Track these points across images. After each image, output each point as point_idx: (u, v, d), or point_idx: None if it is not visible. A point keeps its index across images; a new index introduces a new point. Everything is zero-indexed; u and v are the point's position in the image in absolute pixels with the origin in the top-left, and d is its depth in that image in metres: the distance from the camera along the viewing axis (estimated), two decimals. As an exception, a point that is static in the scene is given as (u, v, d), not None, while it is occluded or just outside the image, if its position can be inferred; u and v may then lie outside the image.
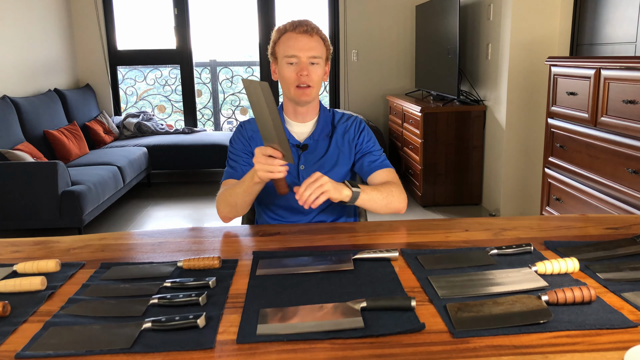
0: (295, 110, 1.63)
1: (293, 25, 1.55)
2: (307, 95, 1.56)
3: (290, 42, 1.54)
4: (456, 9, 4.01)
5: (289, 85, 1.56)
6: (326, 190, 1.35)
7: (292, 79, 1.54)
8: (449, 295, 1.04)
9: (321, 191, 1.34)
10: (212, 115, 5.97)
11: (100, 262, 1.27)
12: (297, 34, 1.53)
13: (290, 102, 1.61)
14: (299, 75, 1.53)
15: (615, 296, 1.03)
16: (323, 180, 1.35)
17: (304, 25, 1.54)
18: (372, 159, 1.64)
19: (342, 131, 1.67)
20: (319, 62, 1.55)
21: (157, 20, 5.60)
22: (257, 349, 0.88)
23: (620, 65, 2.38)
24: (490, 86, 4.11)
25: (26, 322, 0.99)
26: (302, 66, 1.53)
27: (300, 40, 1.53)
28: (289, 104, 1.63)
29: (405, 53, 5.49)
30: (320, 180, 1.35)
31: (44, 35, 4.81)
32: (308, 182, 1.34)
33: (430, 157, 4.20)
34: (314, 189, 1.33)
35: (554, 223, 1.50)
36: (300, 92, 1.55)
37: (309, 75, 1.53)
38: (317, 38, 1.56)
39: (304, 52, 1.52)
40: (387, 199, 1.50)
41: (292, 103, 1.61)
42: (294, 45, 1.53)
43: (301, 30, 1.53)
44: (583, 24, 3.46)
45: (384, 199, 1.50)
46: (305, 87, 1.54)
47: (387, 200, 1.50)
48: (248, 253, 1.31)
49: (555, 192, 2.98)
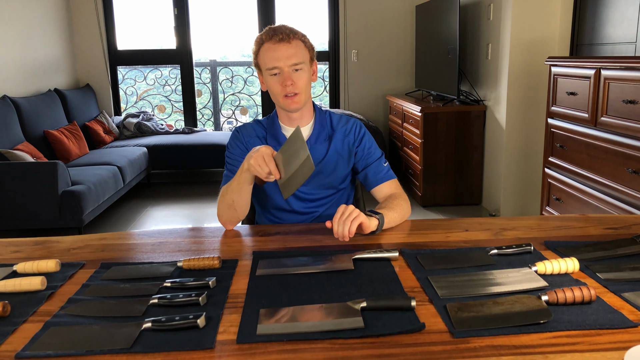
0: (289, 117, 1.61)
1: (269, 35, 1.52)
2: (296, 103, 1.54)
3: (269, 53, 1.51)
4: (456, 9, 4.01)
5: (276, 96, 1.54)
6: (356, 215, 1.33)
7: (278, 90, 1.52)
8: (449, 295, 1.04)
9: (352, 219, 1.32)
10: (212, 115, 5.97)
11: (100, 262, 1.27)
12: (274, 44, 1.50)
13: (282, 110, 1.60)
14: (284, 85, 1.51)
15: (615, 296, 1.03)
16: (349, 209, 1.34)
17: (279, 33, 1.50)
18: (376, 170, 1.63)
19: (342, 135, 1.65)
20: (302, 67, 1.52)
21: (157, 20, 5.60)
22: (257, 349, 0.88)
23: (620, 65, 2.38)
24: (490, 86, 4.11)
25: (26, 322, 0.99)
26: (285, 76, 1.50)
27: (279, 49, 1.50)
28: (281, 112, 1.62)
29: (405, 53, 5.49)
30: (347, 211, 1.34)
31: (44, 35, 4.81)
32: (337, 220, 1.33)
33: (430, 157, 4.20)
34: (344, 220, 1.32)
35: (554, 223, 1.50)
36: (289, 101, 1.53)
37: (294, 84, 1.51)
38: (296, 42, 1.52)
39: (285, 62, 1.49)
40: (401, 214, 1.51)
41: (284, 111, 1.60)
42: (273, 56, 1.50)
43: (277, 40, 1.50)
44: (583, 24, 3.46)
45: (399, 216, 1.51)
46: (292, 95, 1.52)
47: (400, 216, 1.51)
48: (248, 253, 1.31)
49: (555, 192, 2.98)
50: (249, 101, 6.03)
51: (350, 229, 1.32)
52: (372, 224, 1.37)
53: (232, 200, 1.48)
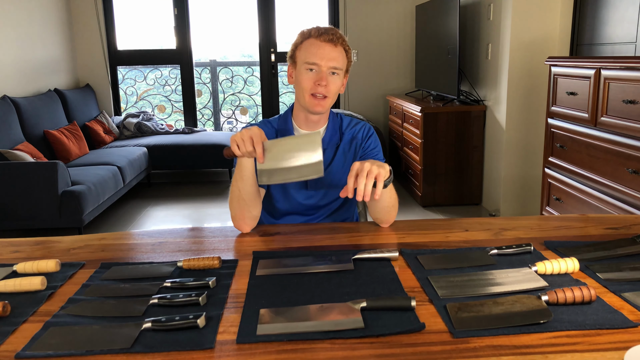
0: (307, 118, 1.58)
1: (319, 32, 1.50)
2: (322, 107, 1.51)
3: (312, 48, 1.49)
4: (456, 9, 4.01)
5: (304, 92, 1.51)
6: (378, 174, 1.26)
7: (309, 86, 1.49)
8: (449, 295, 1.04)
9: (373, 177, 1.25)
10: (212, 115, 5.97)
11: (100, 262, 1.27)
12: (321, 42, 1.49)
13: (302, 109, 1.57)
14: (317, 84, 1.48)
15: (615, 296, 1.03)
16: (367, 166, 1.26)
17: (330, 34, 1.49)
18: None
19: (350, 137, 1.63)
20: (339, 74, 1.51)
21: (157, 20, 5.60)
22: (257, 349, 0.88)
23: (620, 65, 2.38)
24: (490, 86, 4.11)
25: (26, 322, 0.99)
26: (322, 75, 1.48)
27: (324, 48, 1.48)
28: (300, 111, 1.58)
29: (405, 53, 5.49)
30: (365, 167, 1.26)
31: (44, 35, 4.81)
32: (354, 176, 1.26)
33: (430, 157, 4.20)
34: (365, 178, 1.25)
35: (554, 223, 1.50)
36: (315, 102, 1.50)
37: (328, 85, 1.49)
38: (341, 49, 1.51)
39: (326, 61, 1.48)
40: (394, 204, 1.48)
41: (304, 111, 1.56)
42: (316, 53, 1.48)
43: (326, 39, 1.49)
44: (583, 24, 3.46)
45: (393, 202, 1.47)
46: (321, 97, 1.50)
47: (392, 204, 1.47)
48: (248, 253, 1.31)
49: (555, 192, 2.98)
50: (249, 101, 6.03)
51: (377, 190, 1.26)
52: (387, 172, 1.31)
53: (239, 189, 1.44)
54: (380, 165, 1.28)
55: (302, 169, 1.32)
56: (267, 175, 1.34)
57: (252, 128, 1.34)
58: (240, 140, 1.32)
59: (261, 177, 1.35)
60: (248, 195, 1.44)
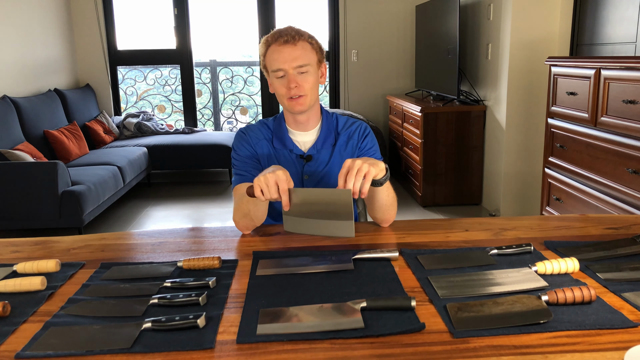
0: (295, 120, 1.60)
1: (274, 37, 1.50)
2: (301, 105, 1.52)
3: (274, 55, 1.50)
4: (456, 9, 4.01)
5: (282, 98, 1.54)
6: (367, 172, 1.25)
7: (283, 92, 1.51)
8: (449, 295, 1.04)
9: (363, 175, 1.25)
10: (212, 115, 5.97)
11: (100, 262, 1.26)
12: (280, 46, 1.49)
13: (288, 112, 1.59)
14: (288, 88, 1.50)
15: (615, 296, 1.03)
16: (357, 164, 1.25)
17: (285, 35, 1.49)
18: None
19: (346, 138, 1.63)
20: (307, 70, 1.51)
21: (157, 20, 5.60)
22: (257, 349, 0.88)
23: (620, 65, 2.38)
24: (490, 86, 4.11)
25: (26, 322, 0.99)
26: (290, 78, 1.49)
27: (283, 52, 1.49)
28: (288, 115, 1.61)
29: (405, 53, 5.49)
30: (355, 165, 1.25)
31: (44, 35, 4.81)
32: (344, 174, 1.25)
33: (430, 157, 4.20)
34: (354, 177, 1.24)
35: (554, 223, 1.50)
36: (294, 103, 1.52)
37: (299, 86, 1.50)
38: (302, 44, 1.50)
39: (289, 64, 1.48)
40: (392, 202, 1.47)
41: (290, 114, 1.59)
42: (278, 59, 1.49)
43: (282, 42, 1.49)
44: (583, 24, 3.46)
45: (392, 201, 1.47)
46: (297, 97, 1.51)
47: (390, 202, 1.47)
48: (248, 253, 1.31)
49: (555, 192, 2.98)
50: (249, 101, 6.03)
51: (362, 189, 1.25)
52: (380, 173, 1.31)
53: (248, 210, 1.43)
54: (373, 163, 1.28)
55: (331, 225, 1.30)
56: (293, 223, 1.33)
57: (278, 172, 1.26)
58: (265, 186, 1.26)
59: (286, 223, 1.34)
60: (257, 217, 1.44)
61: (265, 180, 1.26)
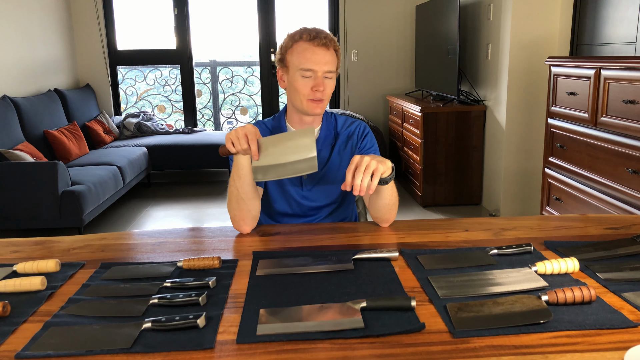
0: (301, 120, 1.58)
1: (310, 36, 1.48)
2: (320, 108, 1.52)
3: (306, 54, 1.47)
4: (456, 9, 4.01)
5: (301, 97, 1.50)
6: (375, 169, 1.26)
7: (306, 92, 1.49)
8: (449, 295, 1.04)
9: (371, 171, 1.26)
10: (212, 115, 5.97)
11: (100, 262, 1.27)
12: (315, 47, 1.47)
13: (296, 111, 1.57)
14: (314, 90, 1.48)
15: (615, 296, 1.03)
16: (365, 160, 1.26)
17: (322, 38, 1.48)
18: None
19: (345, 137, 1.63)
20: (332, 76, 1.51)
21: (157, 20, 5.60)
22: (257, 349, 0.88)
23: (620, 65, 2.38)
24: (490, 86, 4.11)
25: (26, 322, 0.99)
26: (318, 81, 1.48)
27: (318, 53, 1.47)
28: (294, 113, 1.58)
29: (405, 53, 5.49)
30: (364, 161, 1.26)
31: (44, 35, 4.81)
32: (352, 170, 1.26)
33: (430, 157, 4.20)
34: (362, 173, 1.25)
35: (554, 223, 1.50)
36: (314, 105, 1.51)
37: (325, 90, 1.49)
38: (332, 51, 1.50)
39: (321, 67, 1.47)
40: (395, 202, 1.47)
41: (299, 113, 1.57)
42: (310, 59, 1.47)
43: (319, 43, 1.47)
44: (583, 24, 3.46)
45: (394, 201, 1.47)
46: (319, 100, 1.50)
47: (393, 202, 1.46)
48: (248, 253, 1.31)
49: (555, 192, 2.98)
50: (249, 101, 6.03)
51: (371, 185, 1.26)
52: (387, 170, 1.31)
53: (237, 189, 1.43)
54: (381, 161, 1.29)
55: (296, 164, 1.33)
56: (262, 172, 1.36)
57: (247, 126, 1.35)
58: (235, 138, 1.34)
59: (256, 174, 1.37)
60: (246, 194, 1.44)
61: (235, 133, 1.34)
